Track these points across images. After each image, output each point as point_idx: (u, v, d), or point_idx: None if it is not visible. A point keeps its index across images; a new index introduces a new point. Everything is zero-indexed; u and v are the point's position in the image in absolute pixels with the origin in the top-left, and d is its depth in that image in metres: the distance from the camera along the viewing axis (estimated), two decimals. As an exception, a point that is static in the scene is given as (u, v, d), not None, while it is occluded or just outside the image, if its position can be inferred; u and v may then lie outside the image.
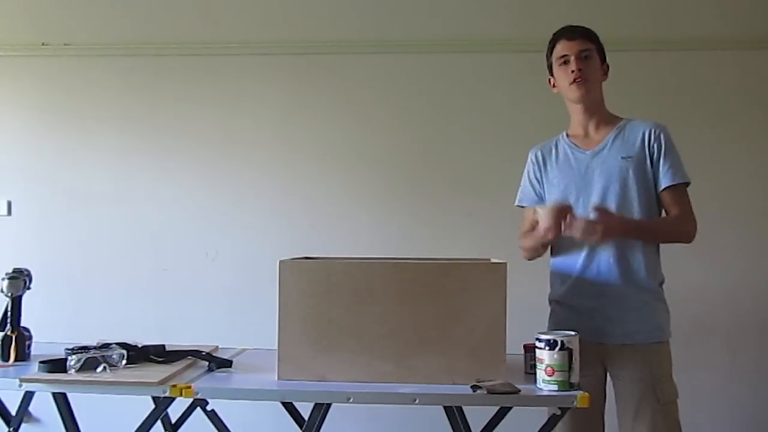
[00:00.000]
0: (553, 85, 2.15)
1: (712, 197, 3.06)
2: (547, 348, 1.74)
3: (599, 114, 2.11)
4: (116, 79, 3.36)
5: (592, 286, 2.01)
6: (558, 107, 2.19)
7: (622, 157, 2.02)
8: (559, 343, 1.72)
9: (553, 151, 2.16)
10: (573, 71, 2.04)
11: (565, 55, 2.06)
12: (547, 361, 1.74)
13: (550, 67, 2.15)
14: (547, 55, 2.15)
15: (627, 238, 1.99)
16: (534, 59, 3.10)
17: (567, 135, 2.16)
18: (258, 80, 3.32)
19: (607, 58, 2.13)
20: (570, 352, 1.73)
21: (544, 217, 1.95)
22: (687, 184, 2.03)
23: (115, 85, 3.36)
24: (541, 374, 1.75)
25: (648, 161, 2.02)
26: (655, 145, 2.02)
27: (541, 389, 1.74)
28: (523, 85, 3.17)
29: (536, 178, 2.19)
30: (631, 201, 2.01)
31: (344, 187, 3.28)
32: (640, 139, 2.03)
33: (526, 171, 2.23)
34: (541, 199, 2.17)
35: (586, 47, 2.06)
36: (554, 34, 2.13)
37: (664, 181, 2.01)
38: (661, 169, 2.01)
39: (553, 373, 1.73)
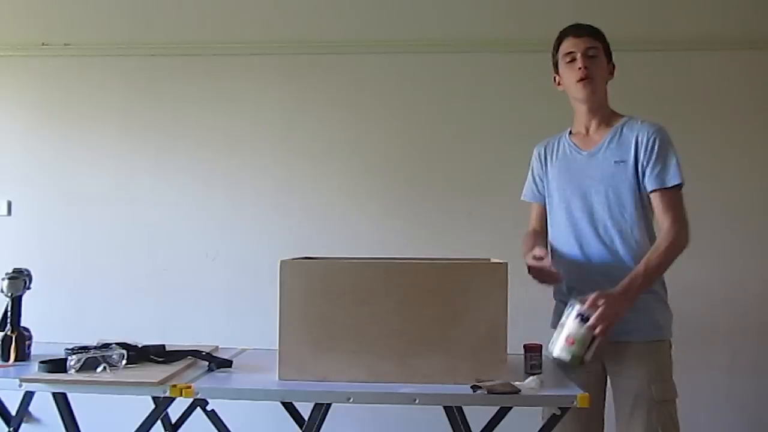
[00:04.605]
0: (558, 83, 2.13)
1: (712, 197, 3.06)
2: (578, 319, 1.72)
3: (602, 114, 2.09)
4: (116, 79, 3.36)
5: (588, 283, 1.98)
6: (557, 107, 2.18)
7: (615, 162, 2.01)
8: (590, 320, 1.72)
9: (556, 148, 2.16)
10: (579, 68, 2.02)
11: (571, 53, 2.04)
12: (571, 331, 1.72)
13: (555, 65, 2.12)
14: (552, 53, 2.12)
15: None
16: (533, 59, 3.11)
17: (570, 133, 2.15)
18: (258, 80, 3.32)
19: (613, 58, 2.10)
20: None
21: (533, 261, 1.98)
22: (680, 186, 1.98)
23: (115, 85, 3.36)
24: (559, 341, 1.74)
25: (639, 165, 1.98)
26: (647, 149, 1.97)
27: (550, 352, 1.73)
28: (522, 85, 3.17)
29: (538, 175, 2.21)
30: (624, 205, 1.99)
31: (344, 186, 3.27)
32: (634, 143, 2.00)
33: (530, 166, 2.24)
34: (542, 196, 2.19)
35: (592, 45, 2.04)
36: (561, 32, 2.10)
37: (652, 184, 1.97)
38: (650, 172, 1.97)
39: (573, 343, 1.72)
